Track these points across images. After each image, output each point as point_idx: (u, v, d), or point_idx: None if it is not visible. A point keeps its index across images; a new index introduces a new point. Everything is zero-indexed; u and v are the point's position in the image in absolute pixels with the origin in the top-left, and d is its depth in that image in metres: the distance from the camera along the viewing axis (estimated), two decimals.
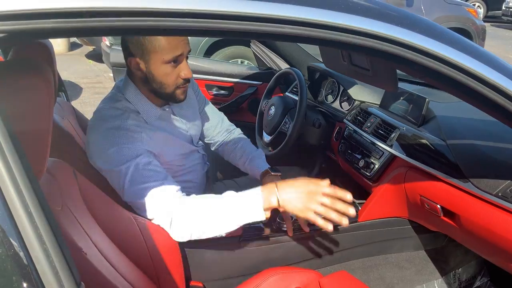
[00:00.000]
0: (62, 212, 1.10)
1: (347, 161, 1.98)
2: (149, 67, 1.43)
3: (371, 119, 1.91)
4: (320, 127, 2.15)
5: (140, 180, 1.39)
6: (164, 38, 1.39)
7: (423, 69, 0.99)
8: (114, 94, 1.54)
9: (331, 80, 2.30)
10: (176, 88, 1.48)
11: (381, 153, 1.79)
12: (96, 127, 1.45)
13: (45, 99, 0.94)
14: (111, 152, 1.40)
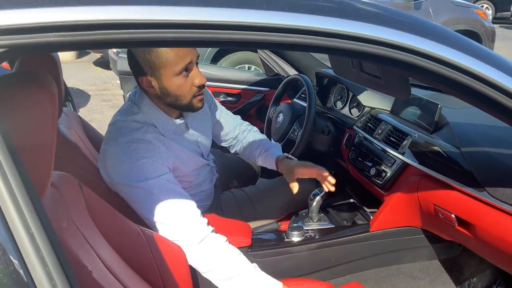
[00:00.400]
0: (68, 229, 1.07)
1: (358, 168, 1.94)
2: (162, 82, 1.39)
3: (382, 126, 1.87)
4: (329, 134, 2.11)
5: (164, 199, 1.35)
6: (171, 50, 1.35)
7: (437, 77, 0.96)
8: (130, 106, 1.50)
9: (340, 86, 2.27)
10: (193, 98, 1.45)
11: (392, 161, 1.75)
12: (114, 140, 1.40)
13: (48, 112, 0.92)
14: (130, 167, 1.36)
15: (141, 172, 1.35)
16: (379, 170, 1.79)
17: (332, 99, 2.32)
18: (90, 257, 1.09)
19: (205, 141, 1.70)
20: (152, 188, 1.35)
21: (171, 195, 1.36)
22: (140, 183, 1.35)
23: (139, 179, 1.35)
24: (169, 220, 1.35)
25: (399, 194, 1.70)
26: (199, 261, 1.34)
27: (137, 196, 1.37)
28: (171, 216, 1.35)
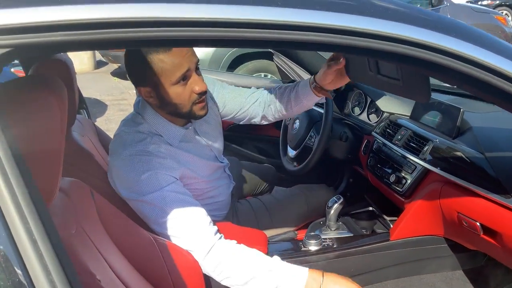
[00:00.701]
0: (77, 236, 1.05)
1: (377, 176, 1.89)
2: (159, 92, 1.35)
3: (402, 132, 1.82)
4: (347, 140, 2.06)
5: (169, 211, 1.32)
6: (166, 58, 1.30)
7: (460, 76, 0.92)
8: (134, 116, 1.48)
9: (357, 92, 2.22)
10: (193, 105, 1.40)
11: (413, 167, 1.69)
12: (118, 153, 1.38)
13: (56, 116, 0.89)
14: (134, 181, 1.33)
15: (144, 186, 1.33)
16: (399, 177, 1.74)
17: (350, 105, 2.27)
18: (99, 265, 1.06)
19: (217, 143, 1.66)
20: (156, 201, 1.32)
21: (176, 206, 1.33)
22: (143, 196, 1.33)
23: (143, 193, 1.33)
24: (175, 232, 1.32)
25: (420, 201, 1.64)
26: (212, 271, 1.30)
27: (143, 209, 1.35)
28: (176, 228, 1.32)
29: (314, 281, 1.23)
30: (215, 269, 1.30)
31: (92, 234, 1.14)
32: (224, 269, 1.29)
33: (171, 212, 1.33)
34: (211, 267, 1.30)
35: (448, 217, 1.57)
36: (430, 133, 1.70)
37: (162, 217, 1.33)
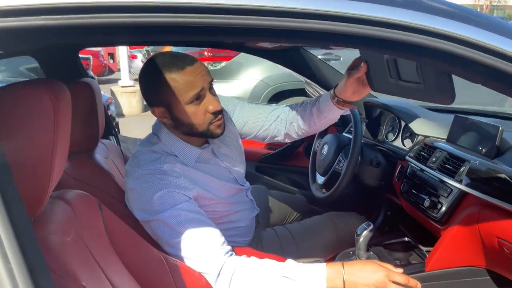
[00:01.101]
0: (72, 243, 1.00)
1: (411, 202, 1.75)
2: (173, 112, 1.34)
3: (436, 154, 1.69)
4: (379, 166, 1.95)
5: (181, 231, 1.28)
6: (179, 78, 1.29)
7: (483, 69, 0.84)
8: (150, 136, 1.47)
9: (391, 117, 2.12)
10: (209, 125, 1.37)
11: (449, 191, 1.55)
12: (132, 173, 1.37)
13: (49, 116, 0.87)
14: (146, 200, 1.30)
15: (157, 205, 1.29)
16: (434, 202, 1.60)
17: (383, 131, 2.16)
18: (92, 274, 1.00)
19: (237, 167, 1.60)
20: (168, 220, 1.28)
21: (188, 226, 1.28)
22: (156, 215, 1.29)
23: (155, 211, 1.29)
24: (187, 252, 1.27)
25: (457, 227, 1.50)
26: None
27: (156, 229, 1.31)
28: (187, 248, 1.27)
29: (336, 273, 1.16)
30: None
31: (91, 245, 1.09)
32: (238, 286, 1.21)
33: (182, 232, 1.28)
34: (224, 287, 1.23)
35: (488, 243, 1.41)
36: (466, 153, 1.57)
37: (173, 237, 1.28)
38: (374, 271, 1.15)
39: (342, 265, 1.17)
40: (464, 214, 1.48)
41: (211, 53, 4.54)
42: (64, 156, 0.99)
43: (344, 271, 1.15)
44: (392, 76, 1.20)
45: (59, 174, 0.96)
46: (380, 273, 1.14)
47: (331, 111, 1.54)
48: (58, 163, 0.92)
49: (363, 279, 1.14)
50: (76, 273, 0.92)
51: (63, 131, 0.93)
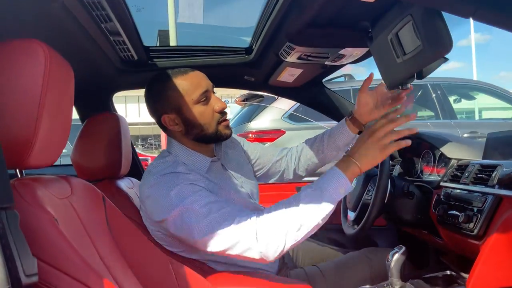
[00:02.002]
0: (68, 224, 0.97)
1: (448, 225, 1.59)
2: (184, 114, 1.40)
3: (469, 169, 1.57)
4: (413, 197, 1.82)
5: (206, 211, 1.26)
6: (185, 80, 1.39)
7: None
8: (162, 152, 1.52)
9: (425, 152, 2.02)
10: (218, 124, 1.43)
11: (483, 199, 1.41)
12: (146, 182, 1.39)
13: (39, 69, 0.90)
14: (165, 197, 1.30)
15: (176, 198, 1.28)
16: (469, 215, 1.45)
17: (418, 167, 2.05)
18: (88, 251, 0.96)
19: (249, 183, 1.59)
20: (189, 205, 1.26)
21: (211, 206, 1.26)
22: (177, 207, 1.27)
23: (175, 204, 1.28)
24: (218, 229, 1.23)
25: (495, 236, 1.33)
26: (278, 247, 1.19)
27: (180, 220, 1.27)
28: (217, 225, 1.23)
29: (349, 164, 1.23)
30: (279, 245, 1.19)
31: (93, 234, 1.06)
32: (278, 237, 1.18)
33: (208, 212, 1.25)
34: (273, 249, 1.19)
35: None
36: (500, 161, 1.45)
37: (200, 220, 1.25)
38: (367, 136, 1.25)
39: (349, 156, 1.25)
40: (501, 220, 1.32)
41: (255, 135, 4.65)
42: (62, 122, 1.00)
43: (354, 158, 1.23)
44: (398, 56, 1.20)
45: (55, 138, 0.96)
46: (369, 134, 1.24)
47: (342, 133, 1.62)
48: (50, 121, 0.93)
49: (367, 150, 1.23)
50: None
51: (57, 90, 0.95)
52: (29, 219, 0.75)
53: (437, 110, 5.15)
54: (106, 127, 1.70)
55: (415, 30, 1.06)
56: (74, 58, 1.05)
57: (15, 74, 0.88)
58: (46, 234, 0.77)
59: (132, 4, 1.44)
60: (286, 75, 1.86)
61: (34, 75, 0.89)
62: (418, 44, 1.07)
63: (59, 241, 0.78)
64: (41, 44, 0.92)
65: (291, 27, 1.41)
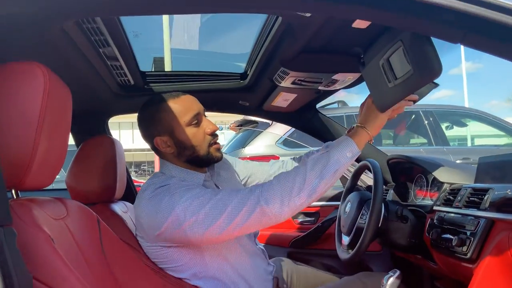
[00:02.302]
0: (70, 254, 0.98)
1: (441, 248, 1.60)
2: (176, 136, 1.43)
3: (461, 192, 1.59)
4: (407, 221, 1.82)
5: (208, 197, 1.29)
6: (177, 103, 1.42)
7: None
8: (155, 174, 1.54)
9: (418, 176, 2.04)
10: (209, 146, 1.45)
11: (476, 222, 1.42)
12: (141, 199, 1.41)
13: (39, 91, 0.92)
14: (161, 205, 1.31)
15: (173, 200, 1.29)
16: (462, 239, 1.46)
17: (412, 193, 2.07)
18: (82, 272, 0.95)
19: None
20: (188, 201, 1.28)
21: (212, 193, 1.31)
22: (175, 207, 1.28)
23: (172, 206, 1.28)
24: (225, 206, 1.26)
25: (488, 259, 1.33)
26: (277, 202, 1.24)
27: (182, 219, 1.27)
28: (223, 204, 1.27)
29: (356, 130, 1.33)
30: (284, 204, 1.23)
31: (87, 256, 1.06)
32: (290, 192, 1.23)
33: (210, 198, 1.28)
34: (272, 201, 1.23)
35: None
36: (492, 184, 1.47)
37: (203, 206, 1.26)
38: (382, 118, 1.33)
39: (359, 126, 1.32)
40: (494, 243, 1.33)
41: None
42: (59, 144, 1.02)
43: (366, 127, 1.31)
44: (390, 80, 1.22)
45: (52, 159, 0.97)
46: None
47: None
48: (48, 143, 0.94)
49: (377, 117, 1.32)
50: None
51: (55, 113, 0.97)
52: (26, 238, 0.75)
53: (429, 137, 5.20)
54: (102, 150, 1.71)
55: (405, 55, 1.09)
56: (72, 82, 1.06)
57: (15, 96, 0.89)
58: (43, 254, 0.77)
59: (130, 30, 1.47)
60: (280, 100, 1.89)
61: (33, 97, 0.91)
62: (409, 69, 1.10)
63: (55, 260, 0.78)
64: (41, 66, 0.94)
65: (285, 53, 1.44)
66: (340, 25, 1.22)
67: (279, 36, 1.37)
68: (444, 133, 5.36)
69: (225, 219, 1.24)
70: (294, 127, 2.41)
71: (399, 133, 5.50)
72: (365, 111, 1.35)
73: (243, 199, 1.25)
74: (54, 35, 1.12)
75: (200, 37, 1.92)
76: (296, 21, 1.18)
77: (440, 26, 0.89)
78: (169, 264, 1.41)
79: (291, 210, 1.24)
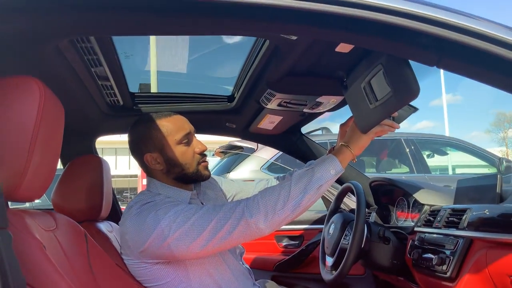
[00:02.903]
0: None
1: (422, 268, 1.64)
2: (166, 154, 1.45)
3: (441, 213, 1.64)
4: (389, 242, 1.86)
5: (191, 213, 1.30)
6: (169, 121, 1.46)
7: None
8: (141, 192, 1.55)
9: (399, 199, 2.09)
10: (198, 165, 1.48)
11: (455, 242, 1.47)
12: (126, 216, 1.42)
13: (34, 105, 0.94)
14: (145, 221, 1.32)
15: (157, 217, 1.31)
16: (442, 258, 1.50)
17: (394, 216, 2.11)
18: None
19: None
20: (172, 217, 1.29)
21: (195, 208, 1.32)
22: (159, 223, 1.29)
23: (157, 222, 1.30)
24: (210, 221, 1.28)
25: (467, 277, 1.37)
26: (261, 216, 1.26)
27: (165, 235, 1.28)
28: (208, 218, 1.28)
29: (339, 149, 1.36)
30: (258, 213, 1.26)
31: (75, 268, 1.07)
32: (273, 207, 1.26)
33: (194, 213, 1.30)
34: (256, 215, 1.25)
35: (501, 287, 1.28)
36: (470, 205, 1.52)
37: (186, 221, 1.28)
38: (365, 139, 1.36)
39: (344, 145, 1.35)
40: (472, 261, 1.38)
41: None
42: (50, 158, 1.04)
43: (348, 145, 1.34)
44: (371, 102, 1.27)
45: (44, 172, 0.99)
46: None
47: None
48: (41, 156, 0.96)
49: (360, 137, 1.35)
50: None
51: (49, 126, 0.99)
52: (19, 244, 0.77)
53: (411, 165, 5.28)
54: (90, 169, 1.72)
55: (385, 78, 1.15)
56: (63, 100, 1.08)
57: (12, 108, 0.92)
58: (35, 259, 0.78)
59: (121, 51, 1.51)
60: (266, 122, 1.94)
61: (29, 110, 0.93)
62: (388, 90, 1.15)
63: (48, 267, 0.79)
64: (37, 81, 0.97)
65: (272, 75, 1.49)
66: (325, 49, 1.28)
67: (266, 59, 1.42)
68: (425, 161, 5.45)
69: (209, 232, 1.25)
70: (279, 149, 2.45)
71: (383, 159, 5.58)
72: (349, 132, 1.38)
73: (228, 212, 1.27)
74: (49, 52, 1.16)
75: (189, 61, 1.97)
76: (283, 43, 1.24)
77: (416, 49, 0.95)
78: (154, 283, 1.41)
79: (275, 224, 1.26)
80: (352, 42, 1.08)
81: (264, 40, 1.34)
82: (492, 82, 0.95)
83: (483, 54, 0.88)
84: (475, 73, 0.95)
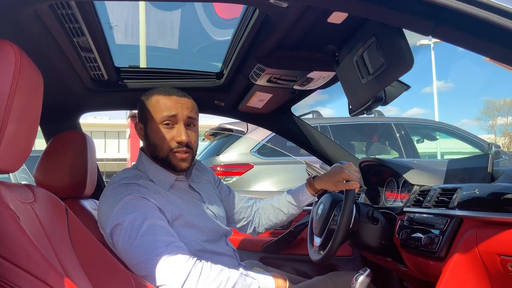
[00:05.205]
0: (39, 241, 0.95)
1: (410, 248, 1.62)
2: (147, 128, 1.45)
3: (431, 193, 1.62)
4: (378, 223, 1.84)
5: (148, 233, 1.26)
6: (161, 100, 1.43)
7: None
8: (128, 168, 1.53)
9: (389, 180, 2.07)
10: (170, 152, 1.43)
11: (445, 221, 1.45)
12: (104, 192, 1.41)
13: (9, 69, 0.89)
14: (117, 205, 1.31)
15: (124, 208, 1.30)
16: (431, 237, 1.48)
17: (383, 197, 2.10)
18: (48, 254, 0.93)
19: (216, 207, 1.59)
20: (134, 222, 1.27)
21: (153, 231, 1.27)
22: (123, 217, 1.28)
23: (122, 214, 1.29)
24: (149, 259, 1.24)
25: (456, 256, 1.36)
26: None
27: (120, 234, 1.28)
28: (150, 254, 1.24)
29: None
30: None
31: (54, 241, 1.03)
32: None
33: (147, 236, 1.25)
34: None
35: (491, 267, 1.26)
36: (460, 184, 1.50)
37: (136, 240, 1.25)
38: None
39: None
40: (462, 240, 1.36)
41: (223, 168, 4.65)
42: (28, 129, 0.99)
43: None
44: (363, 76, 1.24)
45: (21, 143, 0.95)
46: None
47: (304, 193, 1.80)
48: (16, 126, 0.91)
49: None
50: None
51: (25, 95, 0.94)
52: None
53: (401, 150, 5.29)
54: (73, 145, 1.67)
55: (378, 49, 1.11)
56: (43, 70, 1.03)
57: None
58: (7, 230, 0.74)
59: (105, 22, 1.46)
60: (255, 100, 1.90)
61: (3, 75, 0.88)
62: (382, 62, 1.12)
63: (20, 237, 0.75)
64: (12, 45, 0.92)
65: (261, 48, 1.45)
66: (317, 19, 1.23)
67: (256, 31, 1.37)
68: (415, 146, 5.46)
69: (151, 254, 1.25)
70: (268, 129, 2.42)
71: (374, 142, 5.58)
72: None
73: (182, 252, 1.25)
74: (27, 18, 1.10)
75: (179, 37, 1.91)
76: (273, 12, 1.19)
77: (411, 17, 0.91)
78: None
79: None
80: (346, 10, 1.04)
81: (254, 10, 1.29)
82: (490, 53, 0.92)
83: (482, 23, 0.84)
84: (473, 43, 0.92)
